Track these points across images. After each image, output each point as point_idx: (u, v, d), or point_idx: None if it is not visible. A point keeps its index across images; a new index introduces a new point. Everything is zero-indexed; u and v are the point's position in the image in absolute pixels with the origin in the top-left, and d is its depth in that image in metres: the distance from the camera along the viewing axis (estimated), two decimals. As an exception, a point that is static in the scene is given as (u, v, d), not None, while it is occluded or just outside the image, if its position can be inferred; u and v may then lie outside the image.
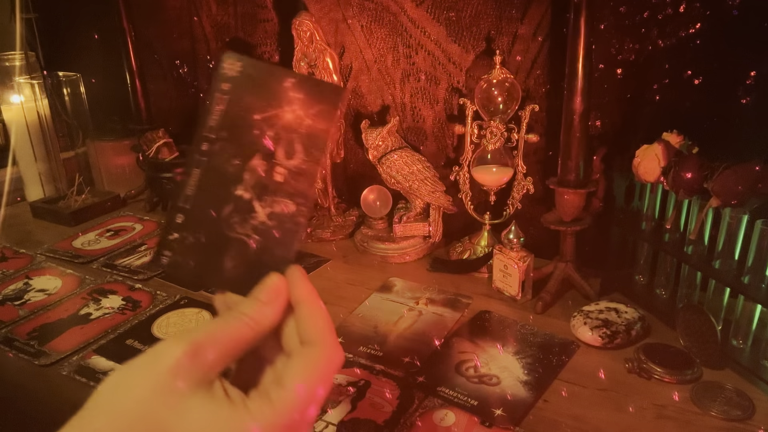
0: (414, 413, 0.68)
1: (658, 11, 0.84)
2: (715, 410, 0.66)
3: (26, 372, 0.78)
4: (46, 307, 0.92)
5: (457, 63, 1.03)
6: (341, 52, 1.13)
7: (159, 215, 1.25)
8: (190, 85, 1.39)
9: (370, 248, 1.06)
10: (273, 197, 0.42)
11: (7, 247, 1.13)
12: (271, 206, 0.42)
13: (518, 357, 0.77)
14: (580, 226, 0.88)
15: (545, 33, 0.94)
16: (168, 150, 1.23)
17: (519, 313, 0.87)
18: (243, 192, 0.42)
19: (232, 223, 0.42)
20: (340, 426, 0.66)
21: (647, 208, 0.85)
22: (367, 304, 0.91)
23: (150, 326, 0.86)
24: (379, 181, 1.06)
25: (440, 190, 1.03)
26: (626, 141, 0.89)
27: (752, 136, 0.78)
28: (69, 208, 1.24)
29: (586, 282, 0.89)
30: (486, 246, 1.00)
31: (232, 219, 0.42)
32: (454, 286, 0.95)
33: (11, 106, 1.27)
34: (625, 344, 0.78)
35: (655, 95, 0.88)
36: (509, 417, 0.67)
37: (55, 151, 1.32)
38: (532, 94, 0.98)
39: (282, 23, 1.20)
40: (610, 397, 0.70)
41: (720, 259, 0.74)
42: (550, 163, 0.97)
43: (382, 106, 1.13)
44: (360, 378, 0.73)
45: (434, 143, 1.10)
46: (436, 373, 0.74)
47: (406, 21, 1.05)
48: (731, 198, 0.71)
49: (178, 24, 1.36)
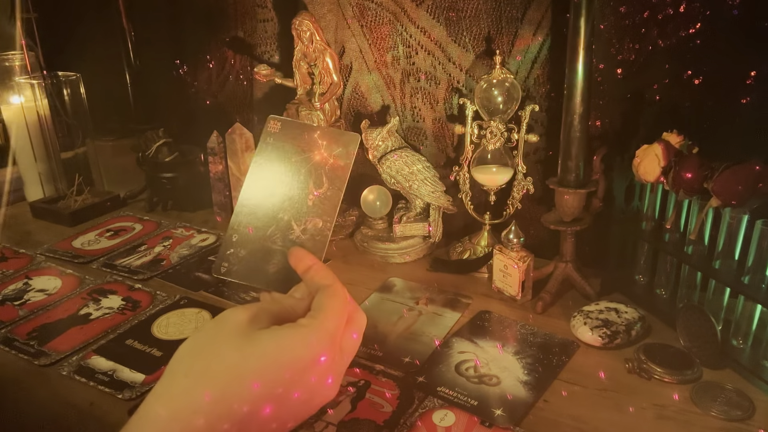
0: (414, 413, 0.68)
1: (658, 11, 0.84)
2: (715, 410, 0.66)
3: (26, 372, 0.78)
4: (45, 307, 0.92)
5: (457, 63, 1.03)
6: (341, 52, 1.13)
7: (159, 215, 1.25)
8: (190, 85, 1.39)
9: (370, 248, 1.06)
10: (306, 218, 0.57)
11: (7, 247, 1.13)
12: (304, 224, 0.57)
13: (518, 357, 0.77)
14: (580, 226, 0.88)
15: (545, 33, 0.94)
16: (168, 150, 1.23)
17: (519, 313, 0.87)
18: (283, 215, 0.57)
19: (274, 239, 0.57)
20: (340, 426, 0.66)
21: (647, 208, 0.85)
22: (367, 304, 0.91)
23: (150, 326, 0.86)
24: (379, 181, 1.06)
25: (440, 190, 1.03)
26: (626, 141, 0.89)
27: (752, 136, 0.78)
28: (69, 208, 1.24)
29: (586, 282, 0.89)
30: (486, 246, 1.00)
31: (275, 235, 0.57)
32: (454, 286, 0.95)
33: (11, 106, 1.27)
34: (625, 344, 0.78)
35: (655, 95, 0.88)
36: (509, 417, 0.67)
37: (55, 151, 1.31)
38: (532, 94, 0.98)
39: (282, 23, 1.20)
40: (610, 397, 0.70)
41: (720, 259, 0.74)
42: (550, 163, 0.97)
43: (382, 106, 1.13)
44: (360, 378, 0.73)
45: (434, 143, 1.10)
46: (436, 373, 0.74)
47: (406, 21, 1.05)
48: (731, 198, 0.71)
49: (178, 24, 1.36)
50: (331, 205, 0.56)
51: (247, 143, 1.12)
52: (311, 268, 0.54)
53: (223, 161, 1.17)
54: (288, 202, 0.57)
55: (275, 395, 0.45)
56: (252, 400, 0.44)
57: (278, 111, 1.14)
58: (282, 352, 0.46)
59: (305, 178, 0.57)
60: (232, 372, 0.44)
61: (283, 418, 0.46)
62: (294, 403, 0.46)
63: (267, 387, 0.44)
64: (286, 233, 0.56)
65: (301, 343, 0.47)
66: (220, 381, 0.44)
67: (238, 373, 0.44)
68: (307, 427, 0.63)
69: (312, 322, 0.48)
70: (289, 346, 0.46)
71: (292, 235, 0.56)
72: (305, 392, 0.46)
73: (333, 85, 1.07)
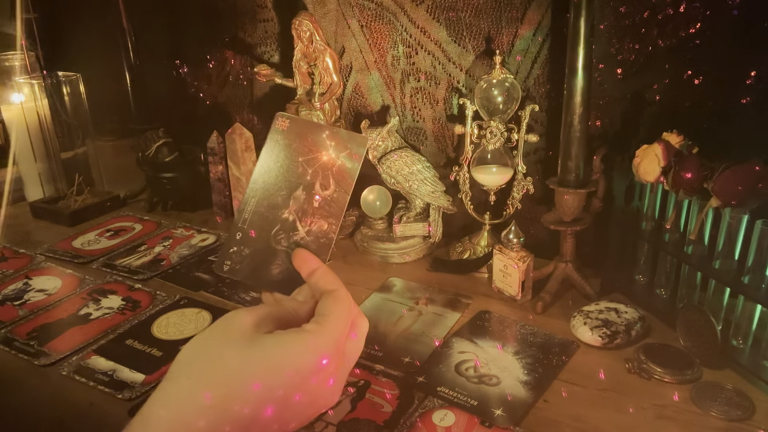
0: (414, 413, 0.68)
1: (658, 11, 0.84)
2: (715, 410, 0.66)
3: (26, 372, 0.78)
4: (45, 307, 0.92)
5: (457, 63, 1.03)
6: (341, 52, 1.13)
7: (159, 215, 1.25)
8: (190, 85, 1.39)
9: (370, 248, 1.06)
10: (311, 219, 0.55)
11: (7, 247, 1.13)
12: (309, 226, 0.55)
13: (518, 357, 0.77)
14: (580, 226, 0.88)
15: (545, 33, 0.94)
16: (168, 150, 1.23)
17: (519, 313, 0.87)
18: (288, 215, 0.55)
19: (279, 239, 0.55)
20: (340, 426, 0.66)
21: (647, 208, 0.85)
22: (367, 305, 0.91)
23: (150, 326, 0.86)
24: (379, 181, 1.06)
25: (440, 190, 1.03)
26: (626, 141, 0.89)
27: (752, 136, 0.78)
28: (69, 208, 1.24)
29: (586, 282, 0.89)
30: (486, 246, 1.00)
31: (279, 236, 0.55)
32: (454, 286, 0.95)
33: (11, 106, 1.27)
34: (625, 344, 0.78)
35: (655, 95, 0.88)
36: (509, 417, 0.67)
37: (55, 151, 1.31)
38: (532, 94, 0.98)
39: (282, 23, 1.20)
40: (610, 397, 0.70)
41: (720, 259, 0.74)
42: (550, 163, 0.97)
43: (382, 106, 1.13)
44: (360, 378, 0.73)
45: (434, 143, 1.10)
46: (436, 373, 0.74)
47: (406, 21, 1.05)
48: (731, 198, 0.70)
49: (178, 23, 1.36)
50: (337, 207, 0.56)
51: (247, 143, 1.12)
52: (316, 271, 0.53)
53: (223, 161, 1.17)
54: (293, 202, 0.55)
55: (276, 397, 0.45)
56: (253, 402, 0.44)
57: (278, 111, 1.14)
58: (286, 358, 0.46)
59: (312, 178, 0.56)
60: (235, 375, 0.44)
61: (285, 419, 0.46)
62: (296, 406, 0.46)
63: (268, 389, 0.44)
64: (290, 234, 0.55)
65: (305, 349, 0.46)
66: (222, 384, 0.44)
67: (240, 376, 0.44)
68: (307, 428, 0.63)
69: (317, 328, 0.48)
70: (293, 352, 0.46)
71: (297, 236, 0.55)
72: (306, 395, 0.46)
73: (333, 85, 1.07)
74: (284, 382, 0.45)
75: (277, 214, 0.55)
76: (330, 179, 0.56)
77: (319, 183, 0.56)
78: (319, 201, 0.56)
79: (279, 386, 0.45)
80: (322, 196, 0.56)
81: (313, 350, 0.47)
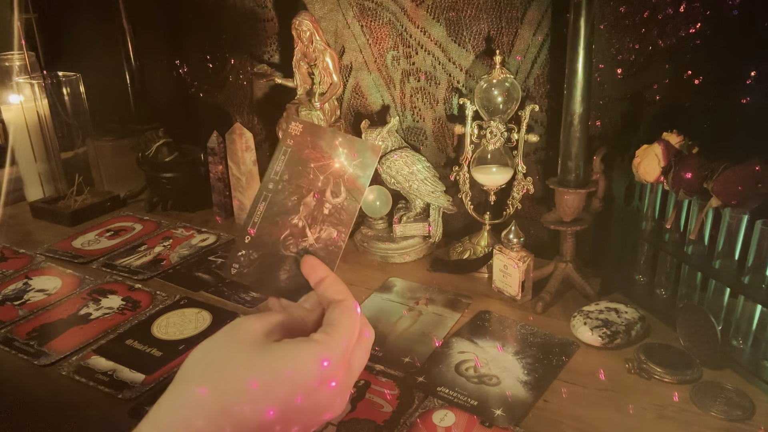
0: (414, 413, 0.68)
1: (658, 11, 0.84)
2: (715, 410, 0.66)
3: (26, 372, 0.78)
4: (45, 307, 0.92)
5: (457, 63, 1.03)
6: (341, 52, 1.13)
7: (159, 215, 1.25)
8: (190, 85, 1.39)
9: (370, 248, 1.06)
10: (321, 226, 0.55)
11: (7, 247, 1.13)
12: (318, 233, 0.55)
13: (518, 357, 0.77)
14: (580, 226, 0.88)
15: (545, 33, 0.94)
16: (168, 150, 1.23)
17: (519, 313, 0.87)
18: (298, 221, 0.55)
19: (288, 245, 0.55)
20: (340, 426, 0.66)
21: (647, 208, 0.85)
22: (367, 305, 0.91)
23: (150, 326, 0.86)
24: (379, 181, 1.06)
25: (440, 190, 1.03)
26: (626, 141, 0.89)
27: (752, 136, 0.78)
28: (69, 208, 1.24)
29: (586, 282, 0.89)
30: (486, 246, 1.00)
31: (288, 241, 0.55)
32: (454, 286, 0.95)
33: (11, 106, 1.27)
34: (625, 344, 0.78)
35: (655, 95, 0.88)
36: (509, 417, 0.67)
37: (55, 151, 1.31)
38: (532, 94, 0.98)
39: (282, 23, 1.20)
40: (610, 397, 0.70)
41: (720, 259, 0.74)
42: (550, 163, 0.97)
43: (382, 106, 1.13)
44: (360, 378, 0.73)
45: (434, 143, 1.10)
46: (436, 373, 0.74)
47: (406, 21, 1.05)
48: (731, 198, 0.71)
49: (178, 23, 1.36)
50: (347, 215, 0.55)
51: (247, 143, 1.12)
52: (324, 280, 0.53)
53: (223, 161, 1.17)
54: (303, 208, 0.55)
55: (279, 399, 0.45)
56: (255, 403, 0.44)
57: (278, 111, 1.14)
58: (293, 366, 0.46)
59: (323, 185, 0.55)
60: (241, 382, 0.45)
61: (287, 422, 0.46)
62: (298, 409, 0.46)
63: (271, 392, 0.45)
64: (299, 240, 0.55)
65: (312, 359, 0.46)
66: (228, 391, 0.44)
67: (246, 383, 0.45)
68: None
69: (325, 338, 0.48)
70: (300, 360, 0.46)
71: (306, 242, 0.55)
72: (308, 398, 0.47)
73: (333, 85, 1.07)
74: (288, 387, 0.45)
75: (286, 218, 0.55)
76: (341, 186, 0.55)
77: (330, 190, 0.55)
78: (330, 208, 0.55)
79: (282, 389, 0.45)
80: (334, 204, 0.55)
81: (320, 359, 0.47)
